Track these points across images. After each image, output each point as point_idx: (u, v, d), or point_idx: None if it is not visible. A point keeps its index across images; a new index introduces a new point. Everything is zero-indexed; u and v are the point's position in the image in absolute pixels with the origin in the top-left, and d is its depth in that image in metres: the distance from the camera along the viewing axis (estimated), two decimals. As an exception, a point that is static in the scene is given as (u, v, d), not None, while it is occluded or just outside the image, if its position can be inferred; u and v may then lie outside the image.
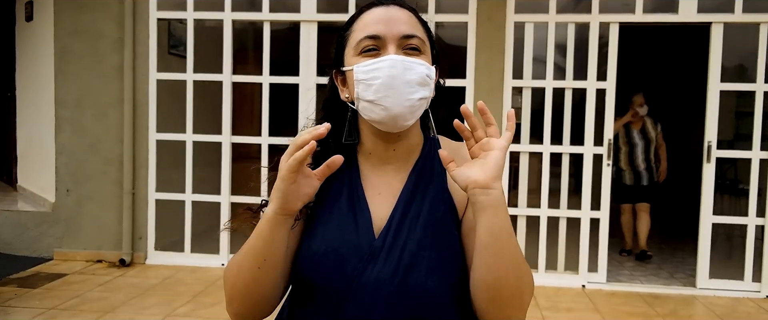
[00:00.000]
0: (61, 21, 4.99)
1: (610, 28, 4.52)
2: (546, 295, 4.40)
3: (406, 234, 1.03)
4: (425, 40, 1.08)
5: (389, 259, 1.01)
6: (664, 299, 4.42)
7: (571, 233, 4.67)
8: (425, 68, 1.04)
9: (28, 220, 5.14)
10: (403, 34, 1.05)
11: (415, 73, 1.03)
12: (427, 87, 1.04)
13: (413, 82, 1.02)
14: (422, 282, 1.00)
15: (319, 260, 1.03)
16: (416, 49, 1.05)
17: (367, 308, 1.00)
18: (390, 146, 1.10)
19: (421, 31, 1.08)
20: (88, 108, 4.95)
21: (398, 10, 1.08)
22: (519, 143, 4.66)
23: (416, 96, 1.02)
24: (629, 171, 5.58)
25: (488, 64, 4.58)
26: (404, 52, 1.04)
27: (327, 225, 1.07)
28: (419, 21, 1.11)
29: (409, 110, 1.03)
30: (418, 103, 1.03)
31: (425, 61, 1.05)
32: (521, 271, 0.96)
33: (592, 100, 4.56)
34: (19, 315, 3.69)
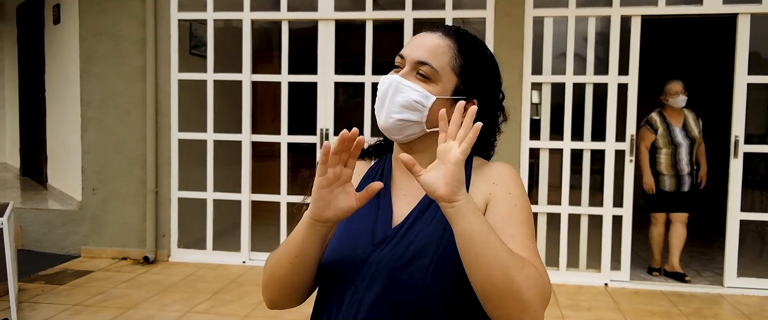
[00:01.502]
0: (86, 23, 5.10)
1: (632, 21, 4.43)
2: (567, 293, 4.34)
3: (419, 229, 1.09)
4: (443, 70, 1.11)
5: (398, 246, 1.08)
6: (689, 298, 4.33)
7: (593, 231, 4.60)
8: (417, 94, 1.10)
9: (56, 218, 5.27)
10: (418, 61, 1.11)
11: (403, 97, 1.10)
12: (415, 112, 1.10)
13: (397, 104, 1.10)
14: (424, 270, 1.05)
15: (337, 247, 1.13)
16: (424, 76, 1.11)
17: (367, 286, 1.07)
18: (411, 155, 1.12)
19: (444, 62, 1.12)
20: (112, 108, 5.05)
21: (437, 37, 1.14)
22: (538, 139, 4.60)
23: (396, 116, 1.11)
24: (671, 175, 4.77)
25: (507, 60, 4.52)
26: (416, 76, 1.12)
27: (351, 218, 1.13)
28: (460, 50, 1.13)
29: (393, 127, 1.12)
30: (400, 123, 1.11)
31: (426, 89, 1.10)
32: (510, 269, 0.95)
33: (613, 95, 4.48)
34: (44, 310, 3.79)
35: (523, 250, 1.03)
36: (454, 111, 0.99)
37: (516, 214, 1.09)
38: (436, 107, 1.11)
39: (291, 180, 4.95)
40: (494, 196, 1.12)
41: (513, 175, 1.15)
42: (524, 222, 1.09)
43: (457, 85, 1.13)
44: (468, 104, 1.11)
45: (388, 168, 1.23)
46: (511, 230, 1.07)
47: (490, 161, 1.22)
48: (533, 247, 1.06)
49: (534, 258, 1.03)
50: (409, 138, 1.14)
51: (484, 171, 1.16)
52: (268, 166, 5.44)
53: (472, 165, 1.19)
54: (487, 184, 1.14)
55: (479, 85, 1.16)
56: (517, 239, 1.06)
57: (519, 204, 1.10)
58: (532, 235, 1.09)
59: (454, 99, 1.13)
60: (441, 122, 1.00)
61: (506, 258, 0.95)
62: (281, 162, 4.89)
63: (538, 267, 1.01)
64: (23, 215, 5.32)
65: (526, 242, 1.06)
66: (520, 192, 1.12)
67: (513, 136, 4.54)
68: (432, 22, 5.18)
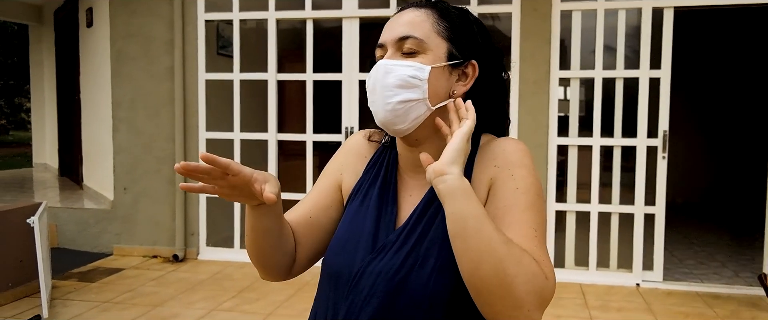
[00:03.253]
0: (116, 26, 5.19)
1: (664, 13, 4.29)
2: (596, 294, 4.24)
3: (420, 232, 1.03)
4: (429, 37, 1.04)
5: (398, 254, 1.03)
6: (726, 299, 4.17)
7: (624, 229, 4.48)
8: (410, 69, 1.02)
9: (90, 217, 5.39)
10: (398, 37, 1.05)
11: (395, 76, 1.02)
12: (413, 89, 1.02)
13: (391, 86, 1.02)
14: (424, 282, 0.99)
15: (339, 248, 1.10)
16: (411, 52, 1.04)
17: (365, 298, 1.02)
18: (414, 150, 1.09)
19: (427, 29, 1.05)
20: (141, 108, 5.14)
21: (411, 11, 1.08)
22: (567, 136, 4.50)
23: (396, 99, 1.02)
24: None
25: (533, 55, 4.44)
26: (402, 55, 1.05)
27: (354, 216, 1.12)
28: (440, 15, 1.07)
29: (393, 114, 1.03)
30: (401, 106, 1.02)
31: (419, 62, 1.03)
32: (503, 262, 0.87)
33: (645, 90, 4.35)
34: (75, 307, 3.87)
35: (524, 241, 0.94)
36: (450, 112, 0.97)
37: (519, 199, 0.99)
38: (435, 80, 1.04)
39: (317, 178, 4.95)
40: (496, 180, 1.03)
41: (517, 153, 1.05)
42: (529, 208, 0.99)
43: (449, 49, 1.06)
44: (459, 93, 1.06)
45: (393, 163, 1.16)
46: (512, 218, 0.98)
47: (503, 138, 1.11)
48: (537, 237, 0.96)
49: (537, 251, 0.94)
50: (416, 123, 1.04)
51: (489, 151, 1.07)
52: (294, 165, 5.46)
53: (479, 143, 1.10)
54: (489, 167, 1.05)
55: (473, 45, 1.08)
56: (517, 228, 0.96)
57: (522, 187, 1.00)
58: (538, 223, 0.98)
59: (450, 65, 1.05)
60: (440, 126, 0.98)
61: (500, 250, 0.88)
62: (307, 161, 4.90)
63: (541, 262, 0.92)
64: (59, 214, 5.46)
65: (528, 231, 0.96)
66: (524, 173, 1.02)
67: (541, 132, 4.45)
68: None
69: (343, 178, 1.20)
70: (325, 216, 1.17)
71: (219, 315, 3.76)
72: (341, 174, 1.21)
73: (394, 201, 1.11)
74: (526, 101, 4.46)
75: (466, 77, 1.08)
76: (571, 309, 3.95)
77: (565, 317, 3.81)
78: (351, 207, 1.14)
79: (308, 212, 1.16)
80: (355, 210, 1.13)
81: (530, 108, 4.46)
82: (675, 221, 6.37)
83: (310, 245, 1.16)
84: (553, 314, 3.85)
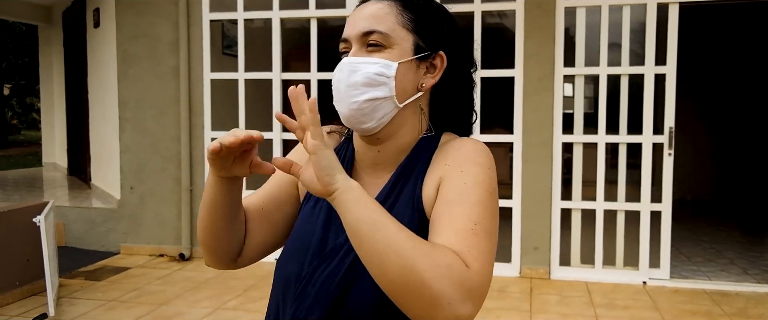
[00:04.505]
0: (122, 26, 5.22)
1: (669, 9, 4.25)
2: (602, 292, 4.22)
3: None
4: (393, 31, 1.00)
5: (345, 259, 0.98)
6: (734, 297, 4.14)
7: (630, 227, 4.45)
8: (377, 67, 0.98)
9: (97, 216, 5.43)
10: (362, 32, 1.00)
11: (361, 74, 0.98)
12: (380, 86, 0.98)
13: (357, 84, 0.98)
14: (369, 290, 0.94)
15: (289, 255, 1.06)
16: (377, 46, 0.99)
17: (309, 306, 0.98)
18: (373, 148, 1.05)
19: (391, 21, 1.00)
20: (147, 108, 5.16)
21: (372, 3, 1.03)
22: (572, 133, 4.48)
23: (362, 98, 0.98)
24: None
25: (538, 53, 4.42)
26: (367, 50, 1.00)
27: (306, 220, 1.08)
28: (404, 6, 1.02)
29: (359, 113, 0.99)
30: (367, 104, 0.98)
31: (384, 58, 0.99)
32: (408, 259, 0.82)
33: (650, 86, 4.31)
34: (82, 306, 3.90)
35: (457, 234, 0.88)
36: (292, 100, 0.87)
37: (465, 194, 0.93)
38: (402, 76, 0.99)
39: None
40: (444, 179, 0.97)
41: (472, 151, 0.99)
42: (475, 204, 0.92)
43: (416, 42, 1.01)
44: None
45: (350, 160, 1.10)
46: (452, 212, 0.92)
47: (463, 138, 1.06)
48: (477, 233, 0.89)
49: (467, 243, 0.88)
50: (383, 122, 1.00)
51: (443, 151, 1.02)
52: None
53: (439, 142, 1.05)
54: (440, 166, 0.99)
55: (439, 36, 1.03)
56: (454, 221, 0.90)
57: (470, 183, 0.94)
58: (482, 218, 0.91)
59: (418, 59, 1.01)
60: (282, 122, 0.90)
61: (404, 247, 0.83)
62: (312, 160, 4.90)
63: (463, 253, 0.86)
64: (67, 213, 5.50)
65: (465, 224, 0.90)
66: (476, 170, 0.96)
67: (545, 130, 4.43)
68: (461, 16, 5.10)
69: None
70: (278, 211, 1.11)
71: (223, 313, 3.78)
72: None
73: None
74: (530, 98, 4.44)
75: (434, 69, 1.04)
76: (577, 307, 3.93)
77: (571, 315, 3.79)
78: (304, 209, 1.10)
79: (261, 203, 1.11)
80: (307, 212, 1.08)
81: (535, 105, 4.44)
82: (683, 218, 6.33)
83: (259, 237, 1.10)
84: (559, 312, 3.84)
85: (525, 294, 4.17)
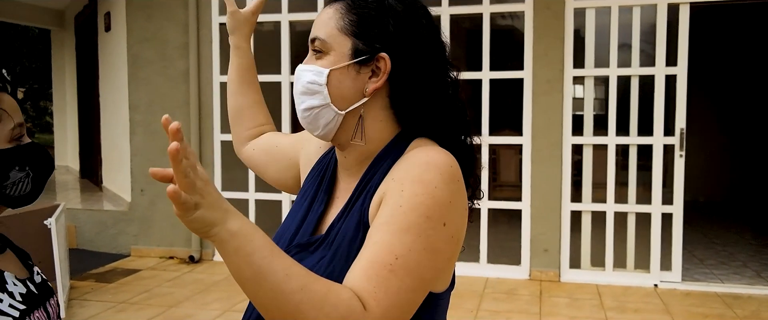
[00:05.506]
0: (133, 30, 5.26)
1: (680, 9, 4.22)
2: (613, 295, 4.18)
3: (316, 245, 0.99)
4: (331, 36, 0.97)
5: (312, 258, 0.98)
6: (746, 300, 4.09)
7: (641, 229, 4.42)
8: (310, 74, 0.97)
9: (108, 219, 5.47)
10: (311, 39, 1.00)
11: (300, 83, 0.99)
12: (315, 95, 0.97)
13: (299, 92, 0.99)
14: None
15: (277, 235, 1.10)
16: (318, 52, 0.98)
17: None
18: (341, 153, 1.05)
19: (331, 27, 0.97)
20: (158, 111, 5.19)
21: (327, 8, 1.01)
22: (582, 135, 4.45)
23: (302, 106, 0.98)
24: None
25: (547, 54, 4.40)
26: (315, 57, 0.99)
27: (291, 211, 1.12)
28: (349, 7, 0.98)
29: (305, 121, 1.00)
30: (307, 113, 0.98)
31: (319, 65, 0.97)
32: (293, 311, 0.78)
33: (661, 87, 4.28)
34: (92, 308, 3.93)
35: (369, 271, 0.82)
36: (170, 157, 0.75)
37: (395, 219, 0.85)
38: (337, 82, 0.96)
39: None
40: (386, 196, 0.90)
41: (422, 165, 0.89)
42: (405, 231, 0.84)
43: (355, 45, 0.96)
44: (375, 62, 0.96)
45: (334, 161, 1.10)
46: (378, 237, 0.85)
47: (426, 148, 0.97)
48: (395, 269, 0.82)
49: (376, 286, 0.81)
50: (330, 129, 0.98)
51: (400, 161, 0.95)
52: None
53: (403, 152, 0.98)
54: (388, 180, 0.92)
55: (385, 37, 0.96)
56: (375, 250, 0.84)
57: (406, 206, 0.85)
58: (408, 249, 0.83)
59: (357, 64, 0.96)
60: (154, 174, 0.78)
61: (290, 301, 0.77)
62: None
63: (367, 294, 0.80)
64: (78, 216, 5.55)
65: (385, 257, 0.82)
66: (418, 190, 0.86)
67: (555, 131, 4.41)
68: (469, 18, 5.10)
69: (300, 153, 1.23)
70: (282, 157, 1.28)
71: (233, 316, 3.79)
72: (303, 147, 1.22)
73: (323, 202, 1.05)
74: (539, 100, 4.42)
75: (379, 72, 0.97)
76: (587, 310, 3.90)
77: (581, 318, 3.76)
78: (299, 195, 1.14)
79: (275, 143, 1.32)
80: (294, 205, 1.13)
81: (544, 107, 4.42)
82: (696, 220, 6.28)
83: (257, 157, 1.35)
84: (569, 315, 3.82)
85: (534, 297, 4.15)
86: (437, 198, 0.86)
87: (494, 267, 4.62)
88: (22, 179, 1.06)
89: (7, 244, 1.15)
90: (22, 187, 1.06)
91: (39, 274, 1.16)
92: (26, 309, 1.03)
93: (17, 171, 1.04)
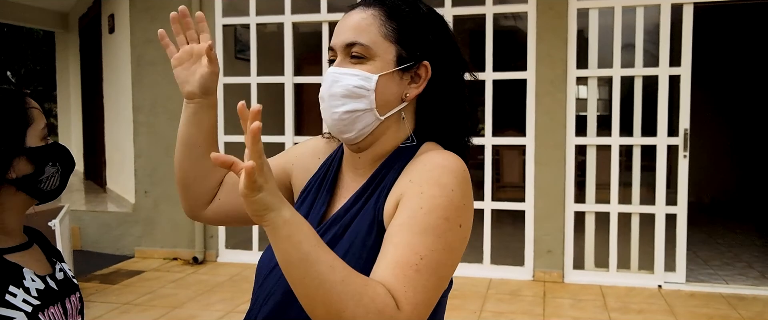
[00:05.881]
0: (136, 31, 5.28)
1: (683, 9, 4.21)
2: (617, 295, 4.17)
3: (334, 233, 1.00)
4: (375, 43, 0.99)
5: None
6: (751, 301, 4.08)
7: (645, 230, 4.41)
8: (356, 79, 0.98)
9: (112, 220, 5.48)
10: (346, 44, 1.00)
11: (341, 86, 0.99)
12: (360, 99, 0.98)
13: (338, 95, 0.99)
14: None
15: (266, 251, 1.09)
16: (359, 57, 0.99)
17: (266, 297, 1.02)
18: (355, 154, 1.07)
19: (373, 33, 0.99)
20: (161, 112, 5.21)
21: (359, 12, 1.02)
22: (585, 136, 4.44)
23: (341, 109, 0.99)
24: None
25: (550, 55, 4.40)
26: (350, 61, 1.00)
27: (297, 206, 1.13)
28: (388, 15, 1.01)
29: (340, 123, 1.00)
30: (347, 115, 0.99)
31: (365, 70, 0.98)
32: (334, 302, 0.81)
33: (665, 88, 4.27)
34: (96, 309, 3.94)
35: (397, 269, 0.86)
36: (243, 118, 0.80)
37: (416, 220, 0.89)
38: (383, 87, 0.99)
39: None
40: (404, 197, 0.94)
41: (438, 168, 0.94)
42: (425, 232, 0.88)
43: (398, 52, 1.00)
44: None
45: (339, 160, 1.13)
46: (400, 238, 0.89)
47: (439, 151, 1.02)
48: (420, 269, 0.86)
49: (403, 280, 0.85)
50: (363, 133, 1.01)
51: (413, 163, 0.99)
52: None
53: (416, 152, 1.03)
54: (405, 181, 0.96)
55: (425, 44, 1.01)
56: (399, 251, 0.87)
57: (426, 207, 0.90)
58: (430, 249, 0.87)
59: (401, 70, 1.00)
60: (219, 161, 0.80)
61: (333, 291, 0.81)
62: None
63: (397, 292, 0.84)
64: (82, 217, 5.56)
65: (410, 257, 0.87)
66: (435, 192, 0.91)
67: (558, 132, 4.40)
68: (472, 19, 5.09)
69: (292, 173, 1.19)
70: None
71: (236, 317, 3.79)
72: (293, 165, 1.19)
73: (327, 198, 1.08)
74: (543, 101, 4.42)
75: (418, 79, 1.02)
76: (591, 311, 3.90)
77: (585, 319, 3.76)
78: (296, 202, 1.14)
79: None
80: (297, 206, 1.12)
81: (547, 108, 4.41)
82: (700, 221, 6.26)
83: (227, 203, 1.18)
84: (573, 316, 3.81)
85: (538, 298, 4.14)
86: (454, 200, 0.91)
87: (498, 268, 4.61)
88: (54, 174, 1.13)
89: (36, 240, 1.21)
90: (53, 182, 1.15)
91: (62, 271, 1.21)
92: (40, 304, 1.07)
93: (50, 166, 1.12)
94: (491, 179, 4.63)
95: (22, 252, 1.13)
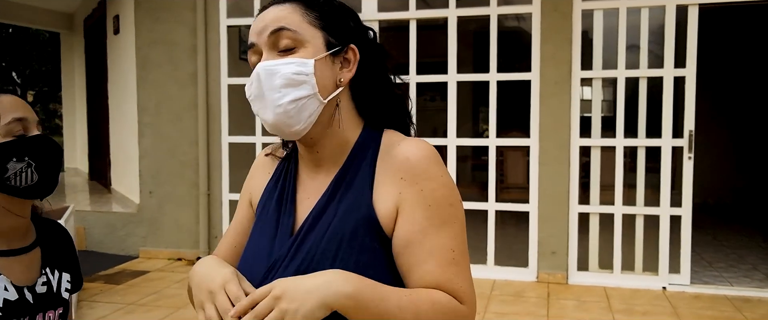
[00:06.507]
0: (141, 33, 5.29)
1: (688, 10, 4.20)
2: (621, 297, 4.16)
3: (310, 244, 0.98)
4: (302, 28, 0.98)
5: (287, 270, 0.96)
6: (756, 303, 4.06)
7: (650, 232, 4.39)
8: (293, 67, 0.96)
9: (117, 221, 5.50)
10: (271, 32, 0.98)
11: (280, 77, 0.96)
12: (301, 86, 0.96)
13: (278, 87, 0.96)
14: None
15: (242, 263, 1.06)
16: (287, 50, 0.98)
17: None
18: (312, 150, 1.05)
19: (297, 20, 0.98)
20: (166, 113, 5.22)
21: (275, 8, 1.01)
22: (589, 137, 4.44)
23: (286, 100, 0.96)
24: None
25: (554, 56, 4.39)
26: (278, 54, 0.98)
27: (256, 230, 1.09)
28: (307, 7, 1.01)
29: (285, 116, 0.97)
30: (293, 105, 0.96)
31: (298, 58, 0.97)
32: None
33: (669, 89, 4.26)
34: (101, 309, 3.95)
35: (442, 269, 0.94)
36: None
37: (432, 219, 0.96)
38: (320, 72, 0.98)
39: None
40: (404, 199, 0.97)
41: (423, 161, 0.98)
42: (443, 225, 0.96)
43: (325, 38, 1.00)
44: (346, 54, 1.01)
45: (294, 167, 1.10)
46: (431, 243, 0.95)
47: (405, 140, 1.03)
48: (457, 260, 0.96)
49: (454, 278, 0.95)
50: (311, 121, 0.98)
51: (392, 157, 1.00)
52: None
53: (380, 143, 1.03)
54: (395, 181, 0.98)
55: (347, 30, 1.03)
56: (435, 256, 0.95)
57: (433, 204, 0.96)
58: (456, 241, 0.97)
59: (332, 54, 1.00)
60: None
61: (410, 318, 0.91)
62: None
63: (456, 290, 0.94)
64: (87, 217, 5.58)
65: (446, 255, 0.95)
66: (433, 185, 0.97)
67: (562, 133, 4.40)
68: (476, 20, 5.09)
69: (252, 197, 1.17)
70: (247, 239, 1.14)
71: (240, 317, 3.79)
72: (250, 194, 1.18)
73: (291, 209, 1.05)
74: (547, 102, 4.41)
75: (348, 63, 1.02)
76: (595, 312, 3.89)
77: (588, 321, 3.75)
78: (255, 224, 1.11)
79: (232, 242, 1.16)
80: (258, 223, 1.09)
81: (552, 109, 4.41)
82: (705, 222, 6.24)
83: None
84: (577, 318, 3.80)
85: (542, 300, 4.13)
86: (447, 184, 0.98)
87: (501, 270, 4.61)
88: (23, 169, 1.08)
89: (44, 244, 1.17)
90: (26, 177, 1.09)
91: (46, 284, 1.15)
92: (2, 317, 1.03)
93: (15, 162, 1.07)
94: (495, 180, 4.62)
95: (9, 258, 1.08)
